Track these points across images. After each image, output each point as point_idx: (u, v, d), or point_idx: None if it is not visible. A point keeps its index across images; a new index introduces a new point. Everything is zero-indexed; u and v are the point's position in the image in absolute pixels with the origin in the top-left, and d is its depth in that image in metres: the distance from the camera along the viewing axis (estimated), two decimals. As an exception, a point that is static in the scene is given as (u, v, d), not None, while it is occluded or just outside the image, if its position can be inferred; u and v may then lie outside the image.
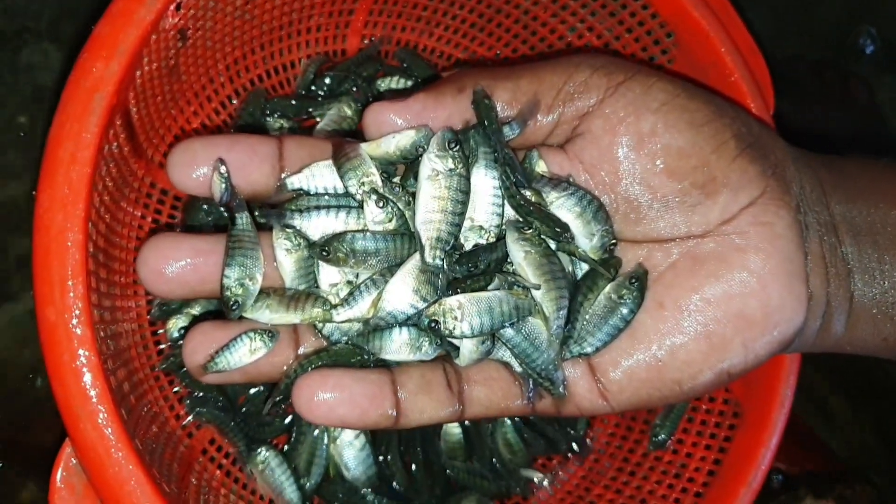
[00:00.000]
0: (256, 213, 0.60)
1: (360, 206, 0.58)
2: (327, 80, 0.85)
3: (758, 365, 0.58)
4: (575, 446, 0.87)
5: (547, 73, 0.58)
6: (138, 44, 0.59)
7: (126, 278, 0.72)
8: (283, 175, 0.59)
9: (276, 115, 0.83)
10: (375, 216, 0.57)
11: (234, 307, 0.57)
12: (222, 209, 0.75)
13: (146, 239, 0.63)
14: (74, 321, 0.55)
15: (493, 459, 0.86)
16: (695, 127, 0.56)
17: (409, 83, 0.87)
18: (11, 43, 0.74)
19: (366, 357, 0.59)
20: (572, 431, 0.87)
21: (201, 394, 0.78)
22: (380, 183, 0.57)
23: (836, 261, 0.60)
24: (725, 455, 0.78)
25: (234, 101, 0.83)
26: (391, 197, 0.57)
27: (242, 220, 0.58)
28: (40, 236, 0.56)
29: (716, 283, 0.56)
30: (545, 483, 0.87)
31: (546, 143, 0.60)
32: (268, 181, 0.58)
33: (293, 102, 0.84)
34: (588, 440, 0.89)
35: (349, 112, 0.82)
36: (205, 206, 0.78)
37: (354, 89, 0.84)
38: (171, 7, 0.62)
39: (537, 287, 0.57)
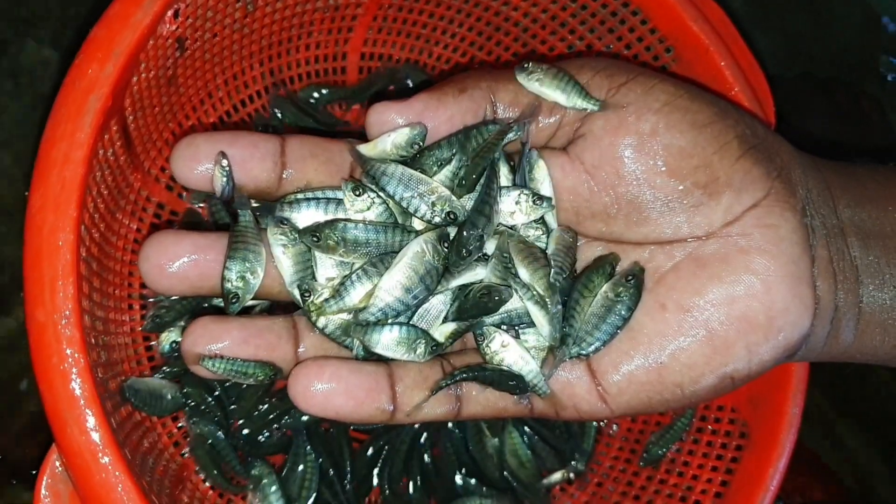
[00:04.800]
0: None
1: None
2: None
3: (762, 371, 0.57)
4: (578, 460, 0.85)
5: None
6: (134, 47, 0.59)
7: (121, 291, 0.71)
8: (284, 173, 0.59)
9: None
10: (354, 204, 0.57)
11: (233, 300, 0.57)
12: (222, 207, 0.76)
13: (146, 236, 0.63)
14: (64, 322, 0.54)
15: (504, 472, 0.84)
16: (697, 127, 0.56)
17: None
18: (12, 49, 0.74)
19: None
20: (577, 456, 0.86)
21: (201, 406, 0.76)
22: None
23: (845, 265, 0.59)
24: (732, 476, 0.76)
25: (233, 117, 0.83)
26: (370, 185, 0.57)
27: (245, 216, 0.59)
28: (31, 236, 0.55)
29: (719, 285, 0.55)
30: (571, 475, 0.84)
31: (548, 146, 0.60)
32: (269, 177, 0.59)
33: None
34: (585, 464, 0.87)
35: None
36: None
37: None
38: (169, 13, 0.62)
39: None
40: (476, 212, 0.56)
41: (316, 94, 0.87)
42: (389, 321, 0.56)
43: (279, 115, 0.85)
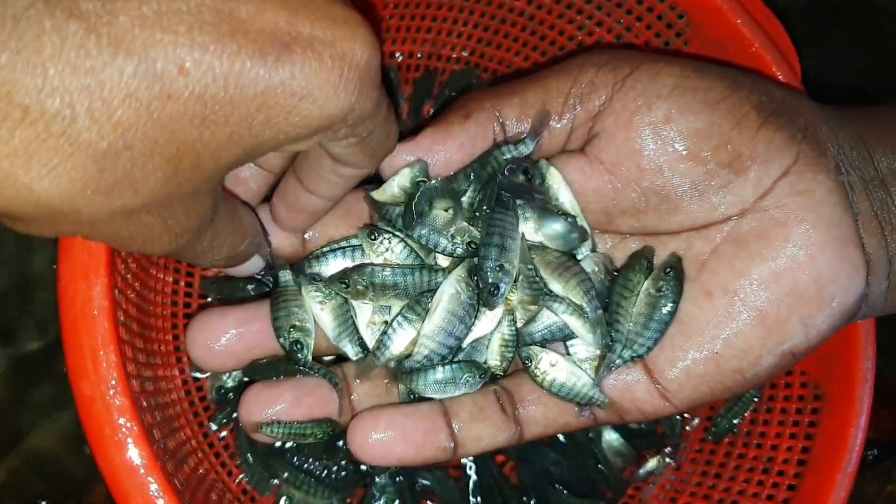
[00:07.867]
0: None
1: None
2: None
3: (823, 341, 0.55)
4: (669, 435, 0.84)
5: (552, 81, 0.57)
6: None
7: (166, 347, 0.70)
8: (306, 235, 0.60)
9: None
10: (373, 248, 0.57)
11: (298, 348, 0.57)
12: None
13: (192, 314, 0.64)
14: (112, 392, 0.53)
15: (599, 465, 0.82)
16: (710, 105, 0.54)
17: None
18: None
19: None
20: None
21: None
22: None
23: (891, 216, 0.56)
24: (813, 442, 0.73)
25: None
26: (385, 227, 0.58)
27: (285, 276, 0.59)
28: (65, 309, 0.55)
29: (762, 263, 0.53)
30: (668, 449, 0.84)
31: (566, 150, 0.59)
32: (292, 242, 0.60)
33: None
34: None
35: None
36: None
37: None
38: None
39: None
40: (485, 245, 0.55)
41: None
42: (427, 368, 0.56)
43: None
